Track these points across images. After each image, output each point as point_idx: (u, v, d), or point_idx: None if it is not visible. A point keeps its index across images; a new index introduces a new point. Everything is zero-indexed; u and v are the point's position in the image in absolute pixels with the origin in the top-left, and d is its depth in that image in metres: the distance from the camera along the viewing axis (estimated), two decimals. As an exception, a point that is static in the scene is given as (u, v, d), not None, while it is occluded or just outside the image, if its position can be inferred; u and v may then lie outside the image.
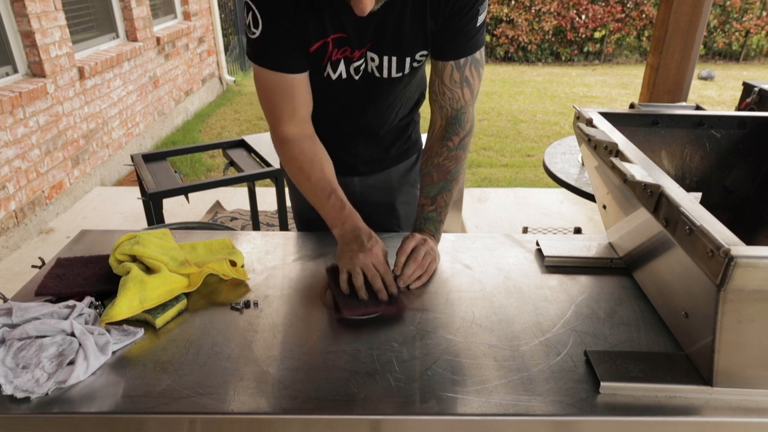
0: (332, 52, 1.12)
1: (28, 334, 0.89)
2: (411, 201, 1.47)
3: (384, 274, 1.06)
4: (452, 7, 1.08)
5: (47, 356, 0.85)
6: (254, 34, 1.09)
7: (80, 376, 0.83)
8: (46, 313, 0.94)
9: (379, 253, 1.08)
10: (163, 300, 1.01)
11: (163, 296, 1.01)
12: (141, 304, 0.98)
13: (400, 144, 1.41)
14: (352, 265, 1.05)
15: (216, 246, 1.20)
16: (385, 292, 1.03)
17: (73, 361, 0.85)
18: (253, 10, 1.07)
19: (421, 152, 1.48)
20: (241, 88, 7.32)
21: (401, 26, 1.10)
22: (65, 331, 0.90)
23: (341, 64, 1.15)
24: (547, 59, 9.25)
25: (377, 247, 1.08)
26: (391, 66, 1.16)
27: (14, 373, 0.83)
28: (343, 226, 1.12)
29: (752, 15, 8.84)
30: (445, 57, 1.15)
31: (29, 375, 0.82)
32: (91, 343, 0.87)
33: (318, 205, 1.17)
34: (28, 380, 0.81)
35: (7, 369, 0.84)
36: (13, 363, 0.85)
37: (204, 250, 1.19)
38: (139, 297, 0.98)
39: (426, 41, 1.14)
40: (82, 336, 0.88)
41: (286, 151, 1.19)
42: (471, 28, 1.11)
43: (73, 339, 0.89)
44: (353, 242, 1.08)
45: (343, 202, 1.15)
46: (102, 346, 0.89)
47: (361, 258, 1.05)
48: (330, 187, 1.16)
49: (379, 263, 1.06)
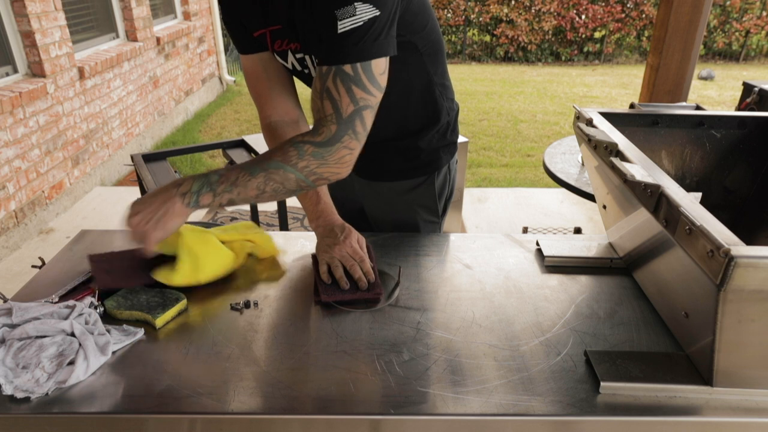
0: (273, 43, 1.14)
1: (28, 334, 0.89)
2: (407, 221, 1.38)
3: (361, 262, 1.10)
4: (311, 4, 0.98)
5: (47, 356, 0.85)
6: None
7: (80, 376, 0.83)
8: (46, 313, 0.94)
9: (353, 243, 1.12)
10: (216, 274, 1.09)
11: (218, 268, 1.09)
12: (195, 273, 1.06)
13: (401, 161, 1.31)
14: (330, 258, 1.11)
15: (241, 227, 1.25)
16: (365, 280, 1.08)
17: (73, 361, 0.85)
18: None
19: (433, 175, 1.35)
20: (241, 88, 7.31)
21: (303, 24, 1.05)
22: (65, 331, 0.90)
23: (289, 55, 1.15)
24: (547, 59, 9.25)
25: (351, 238, 1.13)
26: (314, 63, 1.12)
27: (14, 373, 0.83)
28: (317, 220, 1.18)
29: (752, 15, 8.84)
30: (318, 62, 1.02)
31: (29, 375, 0.82)
32: (91, 344, 0.87)
33: (298, 196, 1.19)
34: (28, 380, 0.81)
35: (7, 369, 0.84)
36: (13, 363, 0.85)
37: (233, 231, 1.23)
38: (191, 265, 1.06)
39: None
40: (82, 336, 0.88)
41: (268, 139, 1.23)
42: (329, 36, 0.95)
43: (73, 339, 0.89)
44: (328, 236, 1.15)
45: (318, 197, 1.19)
46: (102, 346, 0.89)
47: (337, 250, 1.11)
48: None
49: (355, 252, 1.11)
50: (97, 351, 0.87)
